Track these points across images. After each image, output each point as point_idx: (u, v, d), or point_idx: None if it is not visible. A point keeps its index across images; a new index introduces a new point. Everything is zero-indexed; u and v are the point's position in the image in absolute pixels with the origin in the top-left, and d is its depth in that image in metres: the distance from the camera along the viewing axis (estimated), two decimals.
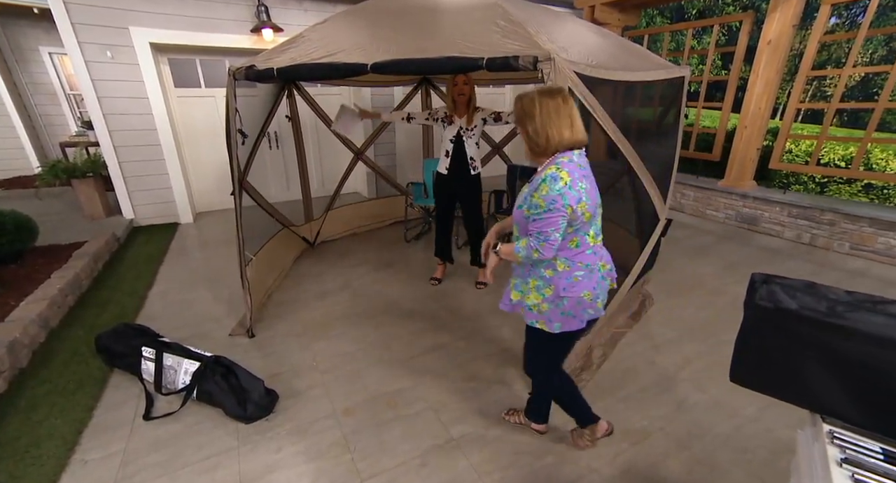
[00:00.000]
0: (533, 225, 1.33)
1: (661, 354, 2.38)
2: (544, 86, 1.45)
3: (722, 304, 2.93)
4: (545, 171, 1.31)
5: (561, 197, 1.26)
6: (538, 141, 1.35)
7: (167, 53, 4.41)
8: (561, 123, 1.32)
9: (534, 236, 1.33)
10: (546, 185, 1.28)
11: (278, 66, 1.94)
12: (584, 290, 1.41)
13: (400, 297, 3.11)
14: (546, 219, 1.29)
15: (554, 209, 1.27)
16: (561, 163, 1.32)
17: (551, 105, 1.33)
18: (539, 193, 1.29)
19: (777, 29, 3.87)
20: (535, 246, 1.33)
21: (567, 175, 1.28)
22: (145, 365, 2.04)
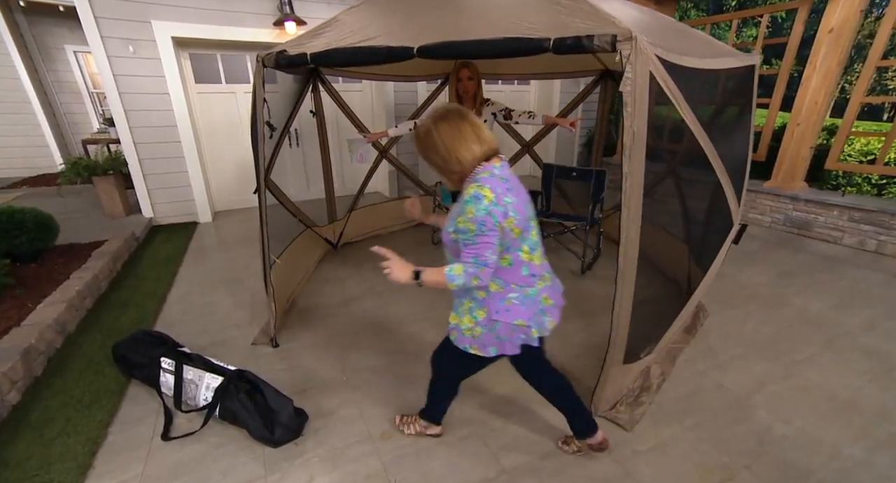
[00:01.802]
0: (467, 251, 1.23)
1: (727, 375, 2.13)
2: (436, 111, 1.31)
3: (786, 318, 2.65)
4: (467, 192, 1.23)
5: (489, 216, 1.18)
6: (452, 168, 1.28)
7: (188, 48, 4.30)
8: (467, 142, 1.25)
9: (471, 263, 1.22)
10: (471, 207, 1.19)
11: (312, 52, 1.75)
12: (518, 318, 1.33)
13: (431, 303, 2.91)
14: (479, 243, 1.20)
15: (486, 231, 1.19)
16: (482, 179, 1.23)
17: (448, 128, 1.25)
18: (465, 216, 1.20)
19: (841, 15, 3.56)
20: (475, 273, 1.23)
21: (490, 192, 1.20)
22: (164, 377, 1.87)
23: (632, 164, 1.50)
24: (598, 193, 3.40)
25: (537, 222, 1.39)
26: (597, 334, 2.55)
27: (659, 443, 1.73)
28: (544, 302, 1.40)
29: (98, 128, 5.54)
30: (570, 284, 3.20)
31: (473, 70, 2.47)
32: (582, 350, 2.40)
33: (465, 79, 2.47)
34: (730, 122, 2.00)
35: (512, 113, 2.59)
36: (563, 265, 3.53)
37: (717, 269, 1.91)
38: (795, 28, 3.99)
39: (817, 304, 2.81)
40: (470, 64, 2.48)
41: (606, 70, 3.71)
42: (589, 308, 2.87)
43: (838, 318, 2.63)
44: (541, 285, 1.39)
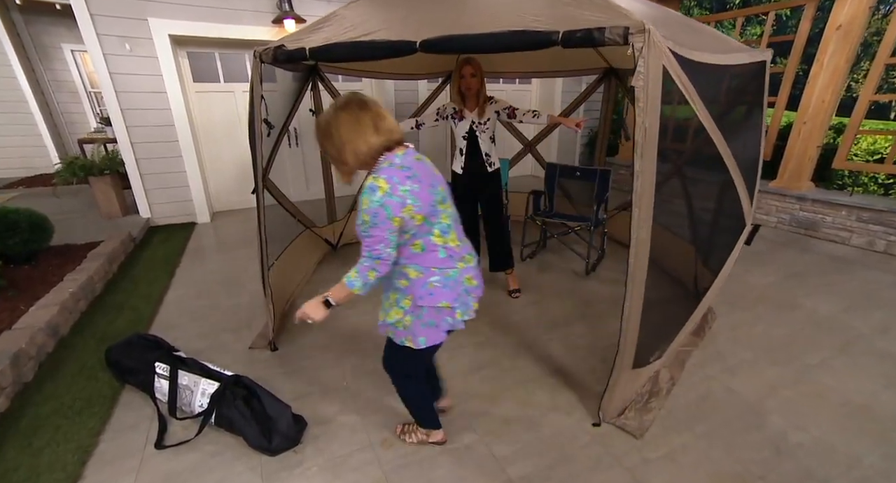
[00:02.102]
0: (364, 244, 1.22)
1: (738, 379, 2.07)
2: (337, 100, 1.28)
3: (797, 321, 2.59)
4: (364, 183, 1.21)
5: (382, 208, 1.17)
6: (344, 159, 1.26)
7: (186, 47, 4.24)
8: (364, 133, 1.22)
9: (365, 256, 1.23)
10: (366, 198, 1.18)
11: (311, 46, 1.70)
12: (442, 300, 1.33)
13: None
14: (373, 235, 1.20)
15: (377, 223, 1.18)
16: (380, 170, 1.23)
17: (346, 118, 1.22)
18: (362, 207, 1.19)
19: (849, 12, 3.50)
20: (370, 266, 1.23)
21: (385, 182, 1.18)
22: (159, 383, 1.82)
23: (643, 163, 1.44)
24: (603, 193, 3.35)
25: (452, 204, 1.40)
26: (602, 337, 2.49)
27: (670, 451, 1.67)
28: (467, 283, 1.39)
29: (95, 127, 5.48)
30: (574, 286, 3.15)
31: (476, 66, 2.41)
32: (587, 353, 2.35)
33: (467, 76, 2.41)
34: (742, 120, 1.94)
35: (516, 111, 2.53)
36: (567, 266, 3.48)
37: (729, 271, 1.86)
38: (802, 25, 3.94)
39: (828, 306, 2.75)
40: (472, 60, 2.43)
41: (610, 68, 3.65)
42: (594, 310, 2.81)
43: (850, 320, 2.57)
44: (461, 266, 1.37)
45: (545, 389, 2.06)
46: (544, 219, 3.46)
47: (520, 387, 2.08)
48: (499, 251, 2.88)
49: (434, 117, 2.69)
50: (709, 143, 1.62)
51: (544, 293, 3.03)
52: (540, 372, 2.19)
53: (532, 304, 2.88)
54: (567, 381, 2.11)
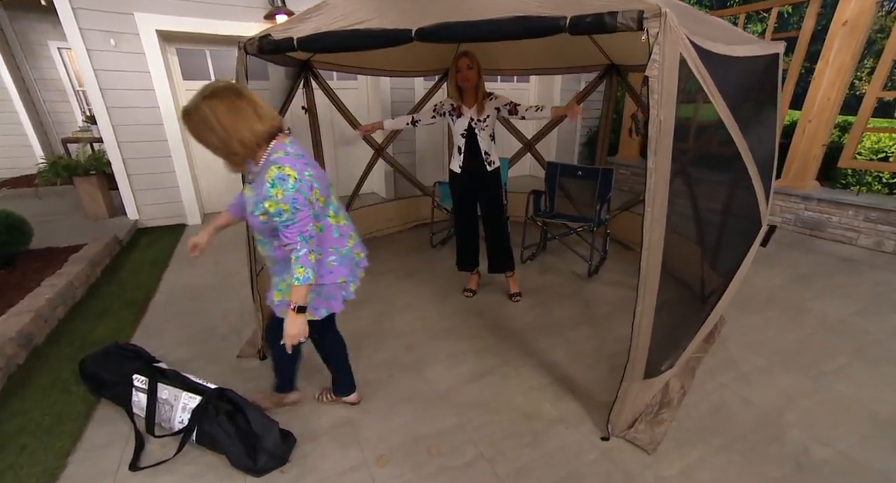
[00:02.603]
0: (290, 230, 1.27)
1: (752, 388, 1.97)
2: (206, 88, 1.23)
3: (809, 325, 2.50)
4: (268, 175, 1.23)
5: (299, 193, 1.25)
6: (233, 150, 1.25)
7: (175, 43, 4.12)
8: (248, 121, 1.23)
9: (299, 241, 1.28)
10: (279, 190, 1.23)
11: (299, 36, 1.58)
12: (340, 277, 1.47)
13: (431, 312, 2.73)
14: (299, 220, 1.27)
15: (300, 207, 1.26)
16: (280, 160, 1.26)
17: (225, 108, 1.20)
18: (274, 199, 1.23)
19: (856, 7, 3.42)
20: (307, 249, 1.29)
21: (291, 170, 1.24)
22: (137, 397, 1.69)
23: (657, 160, 1.33)
24: (605, 193, 3.25)
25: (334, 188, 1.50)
26: (607, 342, 2.39)
27: (685, 467, 1.57)
28: (357, 257, 1.56)
29: (80, 126, 5.33)
30: (577, 288, 3.04)
31: (473, 59, 2.30)
32: (592, 360, 2.24)
33: (464, 68, 2.30)
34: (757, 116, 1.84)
35: (518, 107, 2.43)
36: (568, 268, 3.37)
37: (744, 275, 1.76)
38: (806, 22, 3.85)
39: (840, 309, 2.66)
40: (469, 53, 2.32)
41: (612, 64, 3.55)
42: (597, 313, 2.70)
43: (864, 324, 2.48)
44: (351, 244, 1.52)
45: (550, 399, 1.95)
46: (545, 219, 3.35)
47: (523, 397, 1.97)
48: (499, 253, 2.77)
49: (431, 114, 2.59)
50: (726, 140, 1.52)
51: (546, 296, 2.93)
52: (544, 380, 2.08)
53: (533, 308, 2.77)
54: (573, 390, 2.00)
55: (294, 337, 1.36)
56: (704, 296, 1.75)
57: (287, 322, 1.35)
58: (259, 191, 1.28)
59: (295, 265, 1.28)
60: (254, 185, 1.34)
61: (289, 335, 1.36)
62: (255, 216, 1.32)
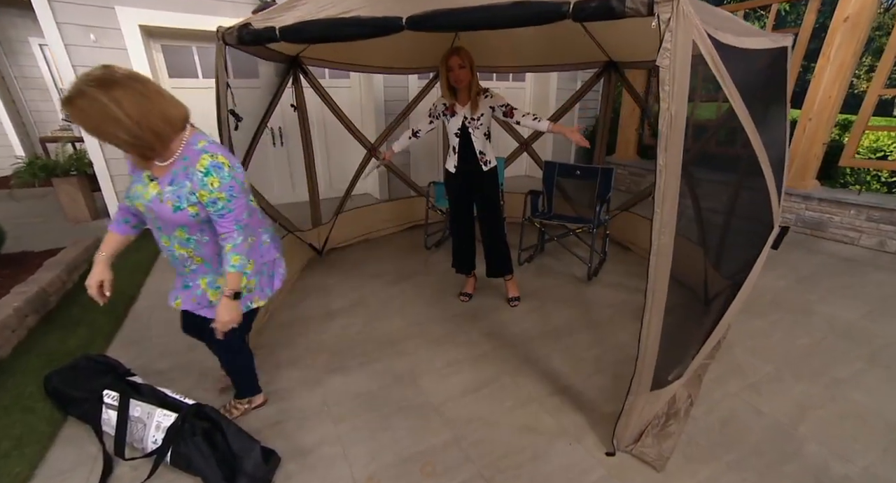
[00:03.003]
0: (226, 219, 1.26)
1: (763, 398, 1.88)
2: (93, 77, 1.07)
3: (817, 329, 2.42)
4: (200, 164, 1.20)
5: (234, 180, 1.24)
6: (146, 143, 1.15)
7: (160, 39, 3.97)
8: (159, 104, 1.14)
9: (236, 230, 1.29)
10: (214, 178, 1.21)
11: (282, 26, 1.47)
12: (275, 253, 1.53)
13: (426, 317, 2.62)
14: (235, 208, 1.26)
15: (236, 195, 1.25)
16: (209, 148, 1.23)
17: (130, 96, 1.08)
18: (209, 188, 1.21)
19: (857, 3, 3.35)
20: (244, 236, 1.31)
21: (223, 157, 1.23)
22: (106, 414, 1.57)
23: (668, 157, 1.24)
24: (605, 193, 3.16)
25: None
26: (610, 349, 2.29)
27: None
28: (277, 233, 1.61)
29: (61, 124, 5.16)
30: (576, 292, 2.95)
31: (465, 56, 2.19)
32: (594, 368, 2.14)
33: (455, 67, 2.20)
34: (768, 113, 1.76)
35: (514, 111, 2.32)
36: (567, 271, 3.28)
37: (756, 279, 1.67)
38: (807, 18, 3.79)
39: (847, 312, 2.58)
40: (460, 50, 2.21)
41: (610, 61, 3.46)
42: (598, 318, 2.61)
43: (875, 328, 2.40)
44: (269, 222, 1.60)
45: (551, 411, 1.84)
46: (543, 221, 3.25)
47: (523, 408, 1.86)
48: (496, 256, 2.67)
49: (428, 120, 2.49)
50: (741, 137, 1.42)
51: (544, 300, 2.83)
52: (544, 390, 1.98)
53: (532, 313, 2.67)
54: (575, 401, 1.90)
55: (227, 323, 1.33)
56: (714, 302, 1.66)
57: (221, 309, 1.33)
58: (183, 183, 1.21)
59: (231, 253, 1.28)
60: (170, 179, 1.23)
61: (222, 321, 1.33)
62: (182, 211, 1.23)
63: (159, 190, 1.24)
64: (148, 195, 1.25)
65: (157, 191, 1.24)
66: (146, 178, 1.27)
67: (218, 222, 1.26)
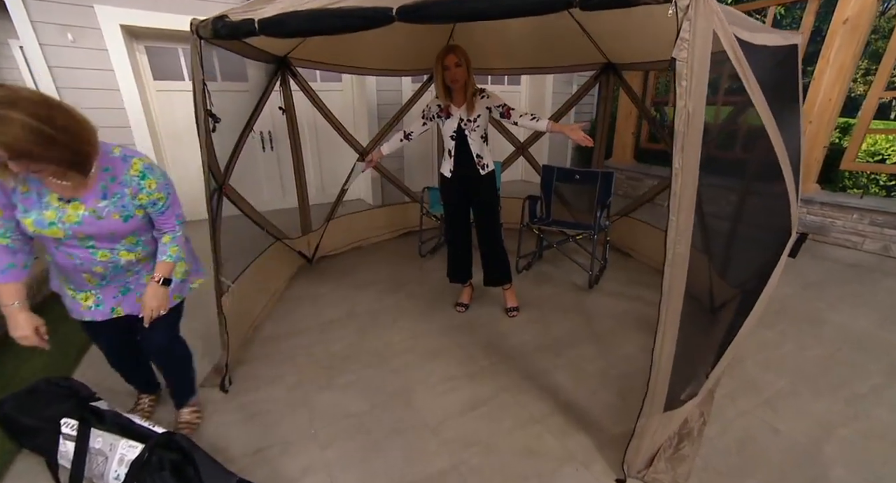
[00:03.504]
0: (166, 217, 1.33)
1: (780, 416, 1.76)
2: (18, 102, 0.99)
3: (829, 339, 2.32)
4: (133, 170, 1.24)
5: (166, 177, 1.31)
6: (83, 157, 1.11)
7: (144, 40, 3.84)
8: (83, 122, 1.11)
9: (178, 225, 1.37)
10: (151, 180, 1.26)
11: (261, 17, 1.35)
12: None
13: (420, 329, 2.49)
14: (174, 203, 1.35)
15: (172, 190, 1.34)
16: (129, 153, 1.27)
17: (59, 113, 1.05)
18: (148, 190, 1.26)
19: (857, 4, 3.31)
20: (182, 228, 1.40)
21: (147, 158, 1.29)
22: (64, 446, 1.41)
23: (685, 158, 1.12)
24: (605, 198, 3.06)
25: None
26: (615, 362, 2.17)
27: None
28: None
29: None
30: (577, 300, 2.83)
31: (461, 54, 2.09)
32: (599, 383, 2.02)
33: (451, 66, 2.09)
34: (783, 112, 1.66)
35: (511, 112, 2.21)
36: (566, 278, 3.16)
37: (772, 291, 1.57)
38: (806, 20, 3.74)
39: (859, 321, 2.49)
40: (456, 48, 2.11)
41: (608, 63, 3.38)
42: (601, 329, 2.49)
43: (891, 338, 2.30)
44: None
45: (555, 432, 1.71)
46: (541, 226, 3.14)
47: (524, 429, 1.73)
48: (495, 264, 2.55)
49: (421, 122, 2.38)
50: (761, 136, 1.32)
51: (544, 310, 2.71)
52: (547, 409, 1.85)
53: (532, 323, 2.55)
54: (580, 421, 1.77)
55: (157, 308, 1.36)
56: (729, 315, 1.55)
57: (149, 294, 1.35)
58: (121, 192, 1.22)
59: (170, 244, 1.36)
60: (101, 194, 1.21)
61: (150, 306, 1.35)
62: (133, 218, 1.26)
63: (90, 208, 1.20)
64: (71, 218, 1.19)
65: (88, 209, 1.20)
66: (54, 201, 1.19)
67: (159, 220, 1.33)
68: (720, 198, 1.34)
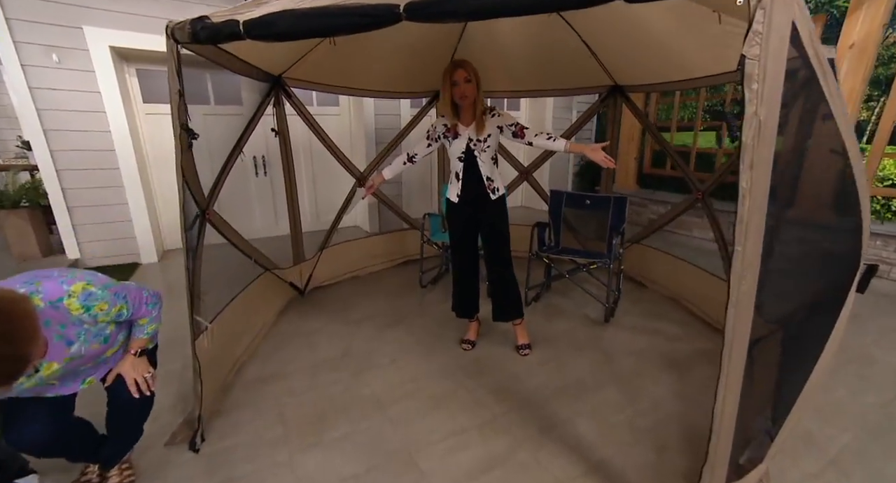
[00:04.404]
0: (140, 312, 1.29)
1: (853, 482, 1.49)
2: None
3: (884, 382, 2.07)
4: (73, 311, 1.09)
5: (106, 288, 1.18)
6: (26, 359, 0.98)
7: (134, 63, 3.72)
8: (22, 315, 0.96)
9: (150, 308, 1.32)
10: (98, 304, 1.14)
11: (247, 19, 1.17)
12: None
13: (423, 370, 2.23)
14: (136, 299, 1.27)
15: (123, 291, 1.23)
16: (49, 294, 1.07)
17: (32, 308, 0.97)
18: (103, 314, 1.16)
19: (863, 29, 3.26)
20: (160, 305, 1.36)
21: (72, 285, 1.11)
22: None
23: (754, 176, 0.93)
24: (619, 224, 2.86)
25: None
26: (643, 409, 1.91)
27: None
28: None
29: (15, 152, 4.78)
30: (593, 336, 2.59)
31: (470, 69, 1.94)
32: (630, 436, 1.75)
33: (461, 81, 1.93)
34: None
35: (525, 131, 2.04)
36: (579, 311, 2.92)
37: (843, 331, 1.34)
38: None
39: None
40: (465, 63, 1.97)
41: (615, 86, 3.28)
42: (623, 369, 2.24)
43: None
44: None
45: None
46: (551, 255, 2.93)
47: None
48: (505, 297, 2.31)
49: (426, 143, 2.21)
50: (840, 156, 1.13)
51: (559, 347, 2.46)
52: (573, 469, 1.58)
53: (546, 363, 2.29)
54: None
55: (141, 374, 1.31)
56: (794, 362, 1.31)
57: (129, 365, 1.30)
58: (81, 329, 1.13)
59: (149, 325, 1.33)
60: (66, 341, 1.12)
61: (133, 376, 1.29)
62: (112, 334, 1.24)
63: (65, 358, 1.13)
64: (49, 372, 1.12)
65: (63, 360, 1.13)
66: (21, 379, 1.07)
67: (137, 319, 1.30)
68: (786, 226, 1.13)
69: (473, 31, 2.86)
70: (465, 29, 2.86)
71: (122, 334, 1.32)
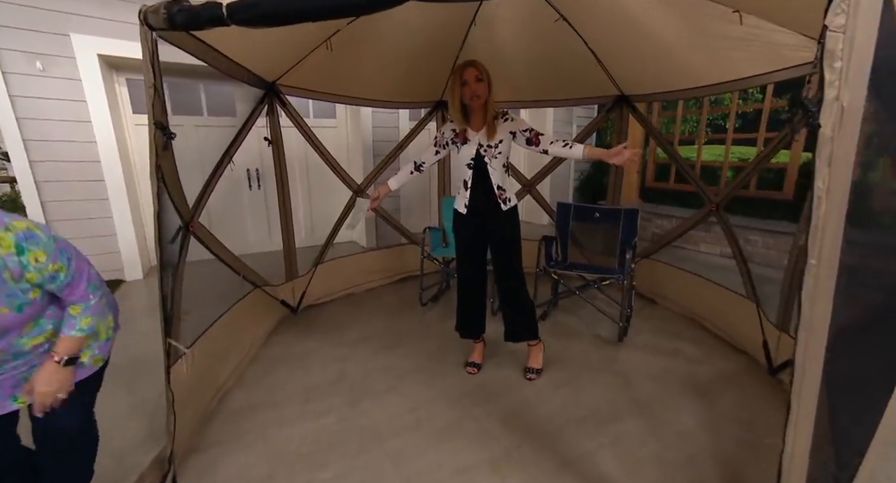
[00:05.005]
0: (75, 289, 1.02)
1: None
2: None
3: None
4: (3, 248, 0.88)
5: (56, 240, 0.98)
6: None
7: (125, 72, 3.60)
8: None
9: (91, 293, 1.05)
10: (36, 251, 0.92)
11: (230, 0, 1.03)
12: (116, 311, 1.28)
13: (424, 396, 2.03)
14: (81, 269, 1.03)
15: (72, 253, 1.02)
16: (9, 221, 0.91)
17: None
18: (36, 267, 0.93)
19: None
20: (101, 294, 1.09)
21: (21, 222, 0.92)
22: None
23: (833, 175, 0.78)
24: (631, 238, 2.71)
25: None
26: (670, 442, 1.72)
27: None
28: None
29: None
30: (607, 358, 2.40)
31: (482, 68, 1.82)
32: (659, 473, 1.56)
33: (471, 80, 1.80)
34: None
35: (540, 137, 1.90)
36: (589, 330, 2.75)
37: None
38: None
39: None
40: (476, 62, 1.84)
41: (621, 96, 3.18)
42: (642, 394, 2.06)
43: None
44: None
45: None
46: (558, 271, 2.77)
47: None
48: (518, 315, 2.13)
49: (434, 150, 2.07)
50: None
51: (571, 370, 2.27)
52: None
53: (560, 388, 2.10)
54: None
55: (53, 393, 1.02)
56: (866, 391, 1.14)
57: (45, 375, 1.02)
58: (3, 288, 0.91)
59: (81, 316, 1.05)
60: None
61: (45, 392, 1.01)
62: (28, 305, 0.97)
63: None
64: None
65: None
66: None
67: (67, 293, 1.01)
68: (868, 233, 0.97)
69: (475, 40, 2.76)
70: (466, 37, 2.76)
71: (47, 320, 1.06)
